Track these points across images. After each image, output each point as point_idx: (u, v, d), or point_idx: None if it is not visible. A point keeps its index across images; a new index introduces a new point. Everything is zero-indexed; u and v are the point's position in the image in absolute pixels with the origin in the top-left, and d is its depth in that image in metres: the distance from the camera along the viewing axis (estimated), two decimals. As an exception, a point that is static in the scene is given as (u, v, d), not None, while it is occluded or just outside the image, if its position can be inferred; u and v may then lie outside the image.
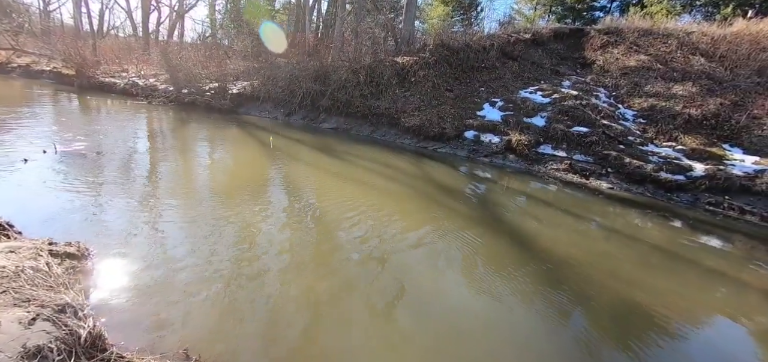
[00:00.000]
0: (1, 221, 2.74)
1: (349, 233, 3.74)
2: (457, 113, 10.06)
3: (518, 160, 8.23)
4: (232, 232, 3.41)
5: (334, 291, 2.72)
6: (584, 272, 3.49)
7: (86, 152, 5.34)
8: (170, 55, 14.55)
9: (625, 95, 10.20)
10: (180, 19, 23.99)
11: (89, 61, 15.75)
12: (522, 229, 4.46)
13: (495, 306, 2.81)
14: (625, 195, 6.65)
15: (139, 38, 22.75)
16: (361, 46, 14.22)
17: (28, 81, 15.47)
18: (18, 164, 4.41)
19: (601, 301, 3.02)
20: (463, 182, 6.53)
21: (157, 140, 7.40)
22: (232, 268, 2.82)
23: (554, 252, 3.85)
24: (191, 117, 10.42)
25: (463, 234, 4.05)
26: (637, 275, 3.60)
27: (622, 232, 4.83)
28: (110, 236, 3.06)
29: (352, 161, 7.17)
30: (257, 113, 12.20)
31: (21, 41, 19.33)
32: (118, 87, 14.41)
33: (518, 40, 13.45)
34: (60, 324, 1.81)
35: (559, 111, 9.28)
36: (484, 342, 2.39)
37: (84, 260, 2.63)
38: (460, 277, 3.18)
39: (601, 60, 12.14)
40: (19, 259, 2.22)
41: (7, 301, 1.83)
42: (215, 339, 2.11)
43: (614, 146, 7.95)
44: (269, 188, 4.84)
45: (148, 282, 2.52)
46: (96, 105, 10.88)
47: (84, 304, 2.14)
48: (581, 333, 2.59)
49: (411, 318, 2.54)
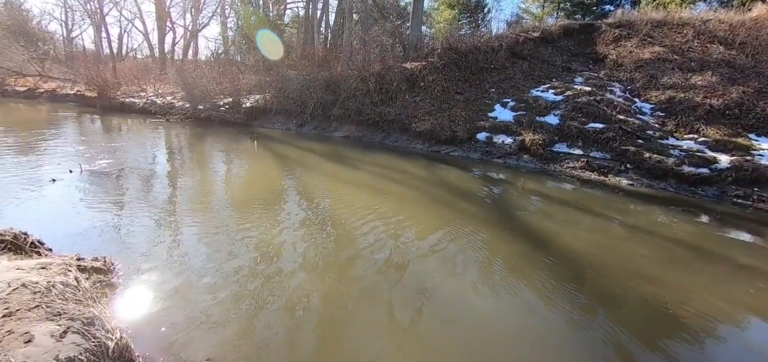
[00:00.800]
0: (33, 239, 2.86)
1: (366, 240, 3.74)
2: (468, 115, 10.01)
3: (533, 160, 8.10)
4: (251, 243, 3.46)
5: (354, 298, 2.72)
6: (608, 271, 3.39)
7: (109, 170, 5.54)
8: (185, 74, 15.01)
9: (641, 89, 9.93)
10: (194, 38, 24.79)
11: (110, 83, 16.41)
12: (540, 230, 4.37)
13: (516, 309, 2.75)
14: (647, 191, 6.45)
15: (156, 59, 23.58)
16: (370, 54, 14.35)
17: (54, 105, 16.22)
18: (47, 184, 4.61)
19: (628, 301, 2.92)
20: (478, 185, 6.46)
21: (175, 155, 7.62)
22: (252, 279, 2.86)
23: (575, 252, 3.76)
24: (207, 132, 10.69)
25: (480, 237, 4.00)
26: (664, 273, 3.47)
27: (646, 229, 4.67)
28: (134, 250, 3.15)
29: (365, 168, 7.20)
30: (270, 125, 12.42)
31: (47, 68, 20.30)
32: (137, 106, 14.95)
33: (527, 39, 13.32)
34: (89, 336, 1.87)
35: (573, 108, 9.11)
36: (507, 345, 2.35)
37: (110, 275, 2.72)
38: (479, 281, 3.13)
39: (614, 54, 11.88)
40: (50, 275, 2.31)
41: (40, 315, 1.90)
42: (238, 348, 2.14)
43: (632, 141, 7.73)
44: (285, 199, 4.91)
45: (171, 294, 2.58)
46: (117, 125, 11.30)
47: (111, 317, 2.21)
48: (609, 335, 2.50)
49: (431, 323, 2.52)
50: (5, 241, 2.67)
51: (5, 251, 2.62)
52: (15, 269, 2.28)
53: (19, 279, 2.16)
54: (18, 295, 2.01)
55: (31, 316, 1.86)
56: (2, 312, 1.83)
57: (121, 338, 1.98)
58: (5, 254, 2.57)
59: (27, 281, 2.14)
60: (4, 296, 1.97)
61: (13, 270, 2.27)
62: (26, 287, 2.09)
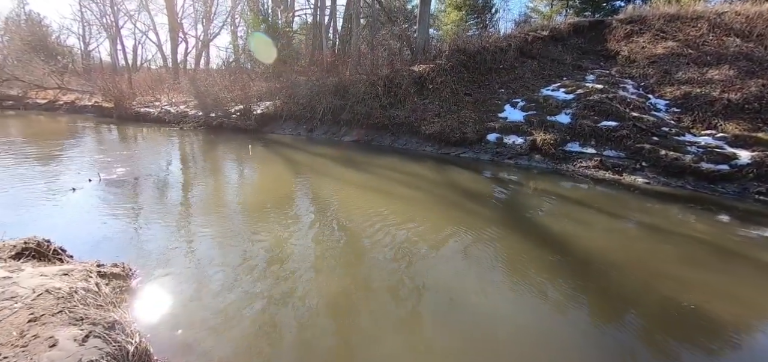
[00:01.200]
0: (55, 247, 2.95)
1: (377, 243, 3.74)
2: (477, 116, 9.95)
3: (544, 160, 8.00)
4: (264, 248, 3.50)
5: (366, 301, 2.72)
6: (624, 273, 3.31)
7: (126, 178, 5.69)
8: (198, 82, 15.33)
9: (655, 85, 9.72)
10: (205, 48, 25.31)
11: (126, 94, 16.86)
12: (554, 231, 4.30)
13: (532, 311, 2.71)
14: (664, 190, 6.30)
15: (169, 69, 24.14)
16: (378, 58, 14.42)
17: (73, 116, 16.74)
18: (67, 193, 4.75)
19: (645, 304, 2.85)
20: (489, 186, 6.41)
21: (189, 163, 7.77)
22: (265, 283, 2.89)
23: (592, 253, 3.68)
24: (219, 139, 10.88)
25: (491, 239, 3.96)
26: (684, 274, 3.37)
27: (664, 228, 4.56)
28: (151, 256, 3.22)
29: (375, 171, 7.21)
30: (281, 131, 12.56)
31: (66, 80, 20.99)
32: (152, 116, 15.32)
33: (536, 38, 13.19)
34: (110, 340, 1.92)
35: (585, 106, 8.97)
36: (524, 349, 2.31)
37: (129, 280, 2.78)
38: (492, 283, 3.10)
39: (626, 50, 11.67)
40: (72, 281, 2.38)
41: (63, 320, 1.96)
42: (253, 351, 2.16)
43: (647, 138, 7.57)
44: (297, 203, 4.95)
45: (187, 298, 2.63)
46: (133, 134, 11.59)
47: (130, 321, 2.26)
48: (625, 340, 2.44)
49: (444, 326, 2.50)
50: (30, 249, 2.77)
51: (30, 258, 2.71)
52: (39, 276, 2.36)
53: (43, 285, 2.23)
54: (42, 300, 2.07)
55: (55, 321, 1.92)
56: (28, 317, 1.90)
57: (141, 342, 2.02)
58: (30, 262, 2.66)
59: (50, 287, 2.21)
60: (29, 301, 2.04)
61: (37, 277, 2.34)
62: (50, 292, 2.15)
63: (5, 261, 2.58)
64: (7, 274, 2.36)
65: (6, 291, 2.14)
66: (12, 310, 1.95)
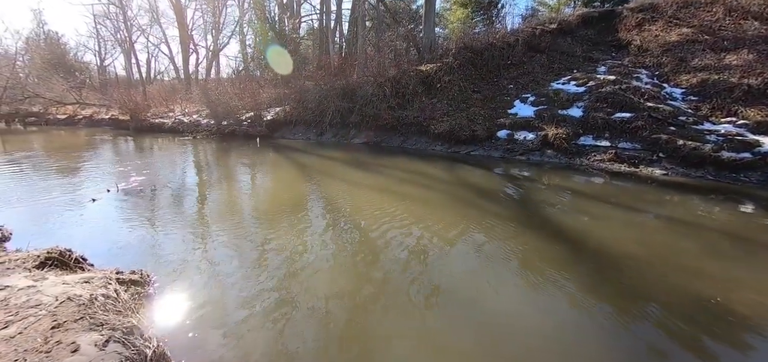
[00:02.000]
0: (76, 256, 3.05)
1: (390, 243, 3.74)
2: (487, 113, 9.86)
3: (557, 154, 7.86)
4: (277, 252, 3.54)
5: (381, 302, 2.72)
6: (644, 268, 3.21)
7: (143, 187, 5.83)
8: (209, 92, 15.64)
9: (671, 73, 9.46)
10: (215, 58, 25.82)
11: (141, 106, 17.33)
12: (569, 226, 4.21)
13: (548, 309, 2.66)
14: (683, 181, 6.11)
15: (181, 80, 24.71)
16: (384, 59, 14.45)
17: (91, 129, 17.29)
18: (87, 204, 4.90)
19: (667, 298, 2.76)
20: (501, 183, 6.33)
21: (203, 170, 7.92)
22: (280, 287, 2.92)
23: (608, 248, 3.60)
24: (232, 146, 11.07)
25: (505, 237, 3.91)
26: (707, 266, 3.26)
27: (685, 221, 4.42)
28: (168, 262, 3.29)
29: (386, 172, 7.21)
30: (291, 136, 12.70)
31: (84, 95, 21.72)
32: (166, 126, 15.69)
33: (544, 31, 13.01)
34: (129, 344, 1.96)
35: (597, 99, 8.79)
36: (541, 347, 2.27)
37: (147, 286, 2.84)
38: (508, 281, 3.06)
39: (638, 39, 11.40)
40: (92, 288, 2.45)
41: (84, 326, 2.02)
42: (269, 353, 2.18)
43: (664, 128, 7.36)
44: (308, 207, 4.99)
45: (204, 302, 2.67)
46: (149, 144, 11.90)
47: (148, 326, 2.31)
48: (647, 336, 2.36)
49: (460, 327, 2.47)
50: (52, 258, 2.86)
51: (53, 267, 2.80)
52: (61, 284, 2.43)
53: (65, 292, 2.30)
54: (64, 307, 2.14)
55: (77, 327, 1.97)
56: (51, 324, 1.96)
57: (158, 346, 2.06)
58: (53, 271, 2.75)
59: (72, 294, 2.27)
60: (52, 309, 2.11)
61: (59, 285, 2.42)
62: (71, 300, 2.22)
63: (30, 271, 2.67)
64: (31, 283, 2.44)
65: (30, 299, 2.21)
66: (36, 317, 2.01)
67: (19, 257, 2.86)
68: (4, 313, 2.06)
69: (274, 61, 16.94)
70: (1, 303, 2.17)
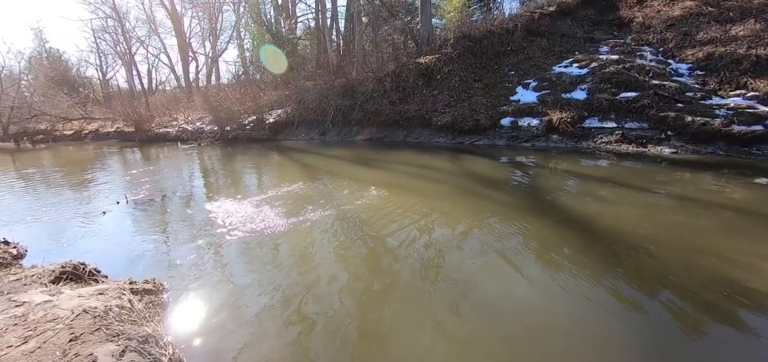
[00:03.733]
0: (90, 268, 3.09)
1: (399, 239, 3.73)
2: (489, 102, 9.78)
3: (563, 139, 7.78)
4: (288, 255, 3.55)
5: (393, 298, 2.72)
6: (659, 249, 3.16)
7: (152, 197, 5.89)
8: (211, 98, 15.72)
9: (675, 49, 9.29)
10: (215, 64, 25.92)
11: (144, 117, 17.48)
12: (580, 211, 4.17)
13: (561, 295, 2.63)
14: (693, 158, 6.01)
15: (183, 88, 24.84)
16: (383, 54, 14.38)
17: (98, 143, 17.49)
18: (98, 216, 4.96)
19: (684, 280, 2.71)
20: (507, 171, 6.28)
21: (209, 177, 7.97)
22: (291, 289, 2.93)
23: (620, 231, 3.55)
24: (236, 151, 11.12)
25: (515, 225, 3.87)
26: (723, 244, 3.20)
27: (698, 199, 4.34)
28: (180, 270, 3.32)
29: (390, 167, 7.20)
30: (294, 138, 12.73)
31: (89, 110, 21.94)
32: (171, 135, 15.83)
33: (543, 14, 12.84)
34: (145, 353, 1.98)
35: (601, 80, 8.67)
36: (554, 334, 2.25)
37: (160, 295, 2.87)
38: (518, 272, 3.03)
39: (641, 16, 11.20)
40: (107, 299, 2.48)
41: (100, 337, 2.04)
42: (282, 357, 2.19)
43: (671, 105, 7.24)
44: (316, 208, 5.00)
45: (217, 308, 2.69)
46: (155, 154, 12.01)
47: (163, 334, 2.34)
48: (665, 321, 2.32)
49: (473, 316, 2.46)
50: (67, 272, 2.90)
51: (68, 281, 2.84)
52: (77, 297, 2.47)
53: (81, 305, 2.33)
54: (80, 320, 2.17)
55: (93, 338, 2.00)
56: (68, 337, 1.98)
57: (174, 353, 2.09)
58: (68, 284, 2.78)
59: (87, 306, 2.30)
60: (68, 322, 2.14)
61: (75, 298, 2.45)
62: (87, 312, 2.25)
63: (46, 286, 2.71)
64: (48, 297, 2.48)
65: (48, 314, 2.25)
66: (54, 331, 2.04)
67: (35, 273, 2.91)
68: (23, 329, 2.09)
69: (268, 62, 17.00)
70: (19, 319, 2.20)
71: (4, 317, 2.25)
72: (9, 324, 2.16)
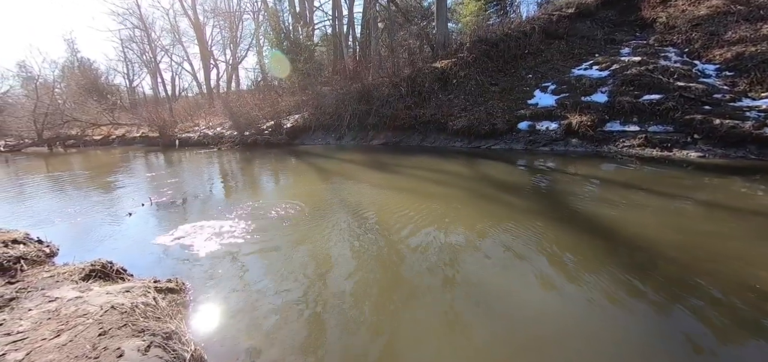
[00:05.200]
0: (117, 267, 3.22)
1: (414, 244, 3.73)
2: (506, 106, 9.66)
3: (582, 143, 7.60)
4: (304, 258, 3.60)
5: (408, 305, 2.72)
6: (687, 257, 3.03)
7: (174, 199, 6.10)
8: (231, 104, 16.16)
9: (702, 49, 8.95)
10: (235, 71, 26.64)
11: (168, 122, 18.12)
12: (601, 217, 4.06)
13: (581, 304, 2.56)
14: (722, 162, 5.75)
15: (204, 94, 25.64)
16: (398, 59, 14.44)
17: (124, 148, 18.24)
18: (124, 218, 5.18)
19: (712, 289, 2.59)
20: (525, 176, 6.18)
21: (229, 180, 8.19)
22: (310, 291, 2.97)
23: (645, 238, 3.43)
24: (255, 155, 11.38)
25: (533, 230, 3.81)
26: (755, 252, 3.05)
27: (728, 205, 4.16)
28: (201, 270, 3.42)
29: (406, 172, 7.20)
30: (311, 142, 12.91)
31: (116, 116, 22.94)
32: (192, 140, 16.34)
33: (561, 16, 12.62)
34: (169, 349, 2.05)
35: (622, 82, 8.44)
36: (573, 344, 2.20)
37: (182, 294, 2.97)
38: (537, 279, 2.97)
39: (664, 16, 10.85)
40: (133, 296, 2.58)
41: (127, 333, 2.13)
42: (299, 355, 2.22)
43: (698, 108, 6.97)
44: (332, 210, 5.06)
45: (236, 307, 2.76)
46: (177, 158, 12.42)
47: (185, 331, 2.41)
48: (693, 331, 2.22)
49: (490, 327, 2.43)
50: (96, 270, 3.04)
51: (97, 278, 2.97)
52: (105, 294, 2.58)
53: (109, 302, 2.44)
54: (108, 316, 2.26)
55: (121, 334, 2.09)
56: (98, 331, 2.08)
57: (196, 350, 2.15)
58: (97, 282, 2.92)
59: (115, 303, 2.41)
60: (98, 317, 2.24)
61: (103, 295, 2.57)
62: (115, 308, 2.35)
63: (76, 282, 2.85)
64: (78, 294, 2.60)
65: (78, 309, 2.36)
66: (85, 326, 2.14)
67: (67, 271, 3.06)
68: (56, 323, 2.20)
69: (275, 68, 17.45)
70: (52, 313, 2.32)
71: (38, 311, 2.37)
72: (43, 318, 2.29)
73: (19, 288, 2.80)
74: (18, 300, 2.58)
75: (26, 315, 2.33)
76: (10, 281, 2.99)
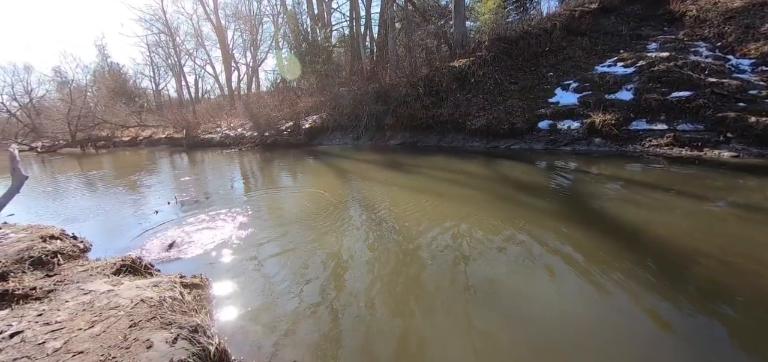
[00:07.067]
0: (146, 262, 3.37)
1: (432, 245, 3.72)
2: (526, 104, 9.47)
3: (606, 142, 7.36)
4: (324, 254, 3.66)
5: (428, 305, 2.71)
6: (720, 264, 2.88)
7: (198, 197, 6.31)
8: (251, 106, 16.55)
9: (735, 43, 8.49)
10: (255, 73, 27.26)
11: (192, 124, 18.74)
12: (626, 219, 3.92)
13: (607, 313, 2.48)
14: (758, 162, 5.45)
15: (226, 96, 26.36)
16: (416, 59, 14.40)
17: (151, 149, 18.99)
18: (151, 215, 5.40)
19: (745, 297, 2.47)
20: (546, 177, 6.04)
21: (249, 179, 8.40)
22: (327, 287, 3.02)
23: (671, 242, 3.29)
24: (274, 155, 11.61)
25: (555, 233, 3.72)
26: (794, 255, 2.87)
27: (762, 207, 3.93)
28: (224, 266, 3.53)
29: (423, 172, 7.18)
30: (329, 142, 13.06)
31: (143, 118, 23.94)
32: (215, 141, 16.84)
33: (584, 12, 12.25)
34: (194, 341, 2.13)
35: (649, 79, 8.11)
36: (595, 351, 2.14)
37: (206, 289, 3.07)
38: (559, 283, 2.90)
39: (694, 9, 10.35)
40: (161, 291, 2.69)
41: (155, 325, 2.22)
42: (319, 351, 2.26)
43: (731, 105, 6.62)
44: (349, 210, 5.10)
45: (258, 303, 2.83)
46: (201, 158, 12.83)
47: (210, 325, 2.49)
48: (725, 341, 2.13)
49: (511, 331, 2.40)
50: (126, 265, 3.18)
51: (127, 273, 3.11)
52: (135, 288, 2.70)
53: (139, 295, 2.55)
54: (138, 309, 2.37)
55: (150, 326, 2.18)
56: (128, 323, 2.18)
57: (220, 343, 2.22)
58: (127, 276, 3.06)
59: (144, 296, 2.52)
60: (128, 310, 2.35)
61: (133, 289, 2.69)
62: (144, 302, 2.46)
63: (108, 277, 3.00)
64: (110, 287, 2.74)
65: (111, 302, 2.48)
66: (116, 318, 2.25)
67: (99, 265, 3.23)
68: (91, 314, 2.33)
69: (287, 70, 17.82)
70: (87, 305, 2.46)
71: (74, 303, 2.51)
72: (78, 309, 2.42)
73: (57, 280, 2.97)
74: (56, 292, 2.75)
75: (63, 306, 2.47)
76: (49, 274, 3.18)
